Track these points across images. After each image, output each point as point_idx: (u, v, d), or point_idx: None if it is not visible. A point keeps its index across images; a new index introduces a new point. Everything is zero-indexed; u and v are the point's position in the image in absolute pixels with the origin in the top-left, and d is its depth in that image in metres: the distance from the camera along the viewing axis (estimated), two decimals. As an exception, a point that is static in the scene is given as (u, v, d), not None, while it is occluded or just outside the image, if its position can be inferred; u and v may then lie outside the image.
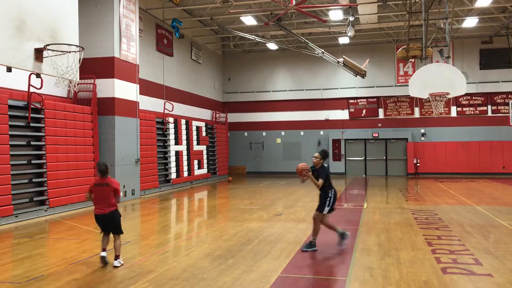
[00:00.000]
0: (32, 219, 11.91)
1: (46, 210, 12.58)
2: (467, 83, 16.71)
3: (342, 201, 15.86)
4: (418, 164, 27.12)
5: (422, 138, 27.69)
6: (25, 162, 12.28)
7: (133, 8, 16.65)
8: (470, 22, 23.04)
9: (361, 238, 9.09)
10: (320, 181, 7.97)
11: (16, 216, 11.50)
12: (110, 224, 7.28)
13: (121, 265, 7.06)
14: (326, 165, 8.39)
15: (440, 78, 15.88)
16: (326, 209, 8.08)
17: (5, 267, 7.31)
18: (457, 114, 27.40)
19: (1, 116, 11.25)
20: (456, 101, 26.79)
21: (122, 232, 7.36)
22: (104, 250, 7.19)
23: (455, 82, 15.88)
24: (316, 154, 8.21)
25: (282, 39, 27.32)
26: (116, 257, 7.09)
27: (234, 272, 6.73)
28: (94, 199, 7.28)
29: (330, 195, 8.09)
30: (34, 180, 12.49)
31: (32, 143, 12.64)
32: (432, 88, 16.03)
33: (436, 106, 16.75)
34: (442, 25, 19.83)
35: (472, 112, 27.25)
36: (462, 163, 26.72)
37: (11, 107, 11.72)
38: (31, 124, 12.57)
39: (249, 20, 22.29)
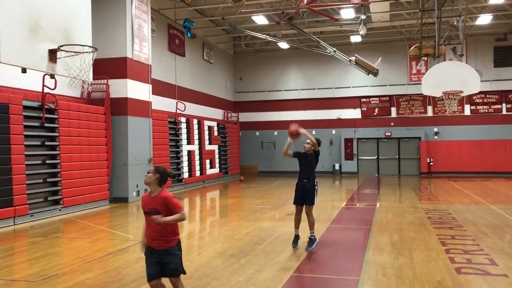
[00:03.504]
0: (47, 219, 12.05)
1: (60, 210, 12.72)
2: (481, 81, 16.51)
3: (355, 201, 15.80)
4: (431, 163, 26.87)
5: (436, 137, 27.42)
6: (39, 162, 12.41)
7: (145, 8, 16.74)
8: (484, 19, 22.75)
9: (374, 237, 9.04)
10: (313, 141, 7.99)
11: (31, 216, 11.65)
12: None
13: None
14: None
15: (454, 76, 15.69)
16: (316, 199, 8.18)
17: (20, 266, 7.42)
18: (471, 113, 27.08)
19: (16, 116, 11.39)
20: (470, 99, 26.43)
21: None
22: None
23: (468, 80, 15.68)
24: (309, 140, 8.19)
25: (294, 38, 27.26)
26: None
27: (246, 271, 6.73)
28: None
29: (316, 183, 8.16)
30: (48, 180, 12.63)
31: (47, 143, 12.77)
32: (445, 87, 15.84)
33: (449, 105, 16.56)
34: (455, 23, 19.59)
35: (486, 111, 26.91)
36: (476, 162, 26.39)
37: (25, 107, 11.86)
38: (45, 125, 12.71)
39: (260, 19, 22.28)
